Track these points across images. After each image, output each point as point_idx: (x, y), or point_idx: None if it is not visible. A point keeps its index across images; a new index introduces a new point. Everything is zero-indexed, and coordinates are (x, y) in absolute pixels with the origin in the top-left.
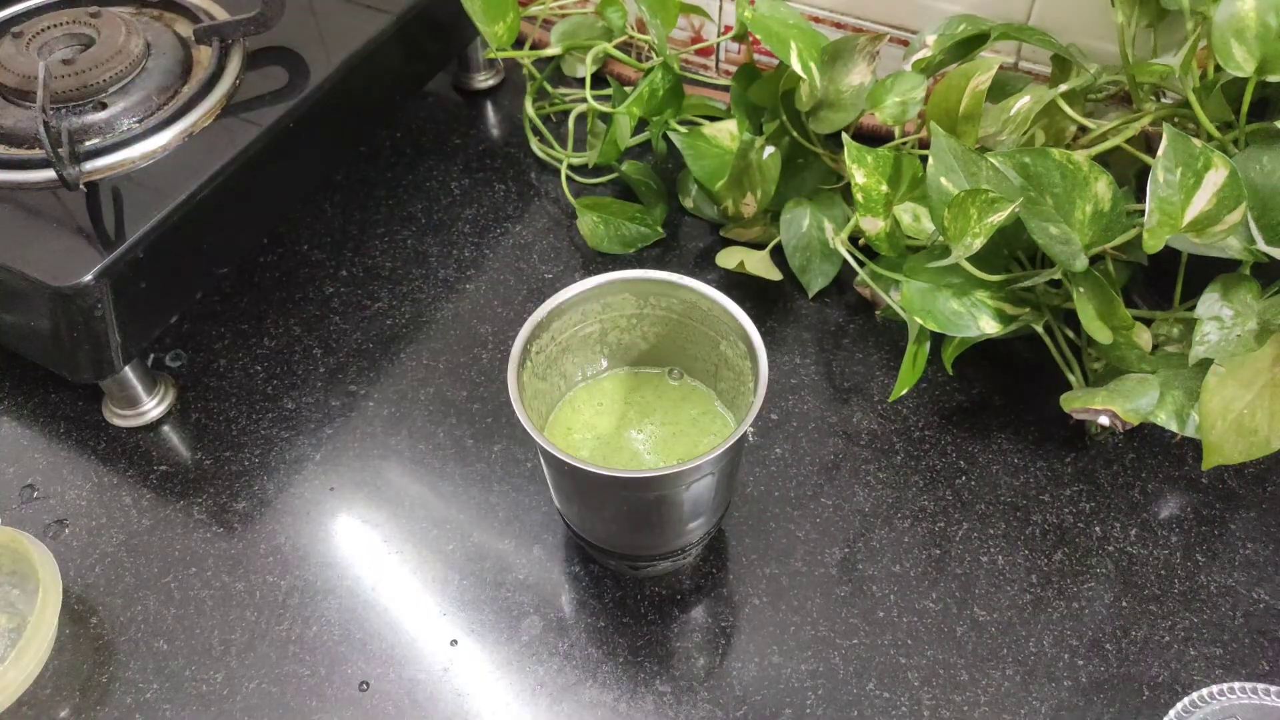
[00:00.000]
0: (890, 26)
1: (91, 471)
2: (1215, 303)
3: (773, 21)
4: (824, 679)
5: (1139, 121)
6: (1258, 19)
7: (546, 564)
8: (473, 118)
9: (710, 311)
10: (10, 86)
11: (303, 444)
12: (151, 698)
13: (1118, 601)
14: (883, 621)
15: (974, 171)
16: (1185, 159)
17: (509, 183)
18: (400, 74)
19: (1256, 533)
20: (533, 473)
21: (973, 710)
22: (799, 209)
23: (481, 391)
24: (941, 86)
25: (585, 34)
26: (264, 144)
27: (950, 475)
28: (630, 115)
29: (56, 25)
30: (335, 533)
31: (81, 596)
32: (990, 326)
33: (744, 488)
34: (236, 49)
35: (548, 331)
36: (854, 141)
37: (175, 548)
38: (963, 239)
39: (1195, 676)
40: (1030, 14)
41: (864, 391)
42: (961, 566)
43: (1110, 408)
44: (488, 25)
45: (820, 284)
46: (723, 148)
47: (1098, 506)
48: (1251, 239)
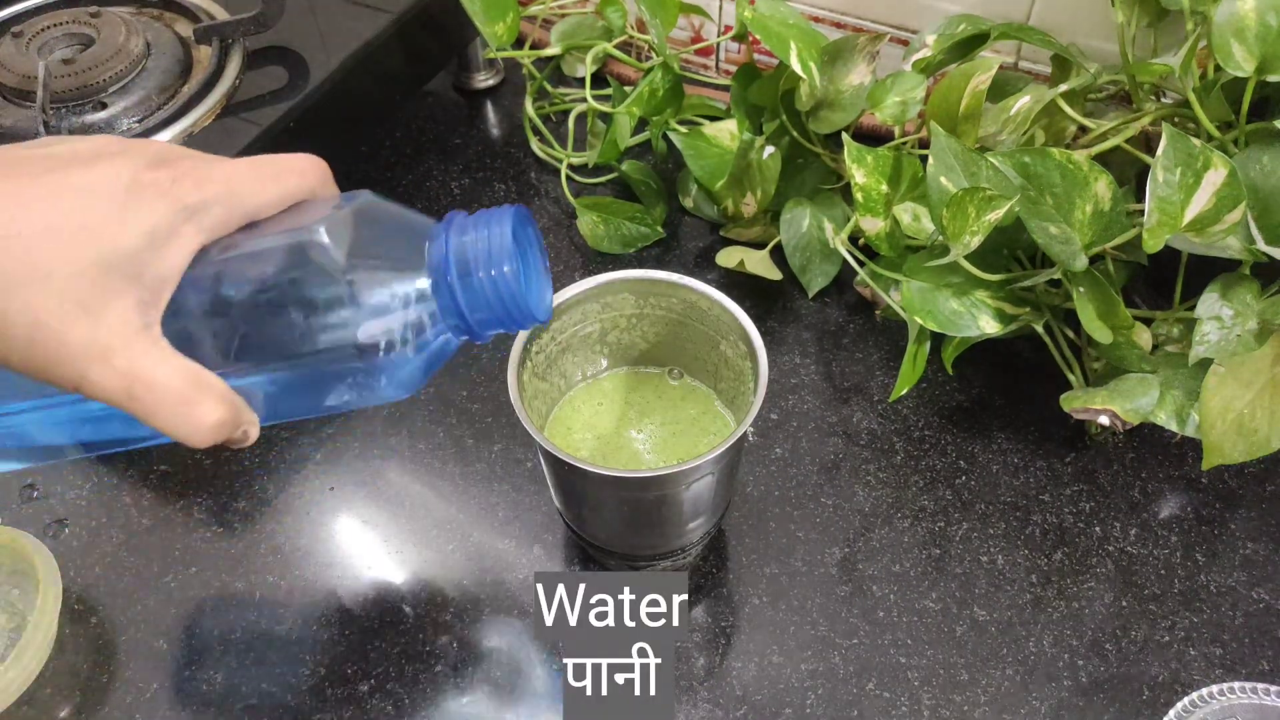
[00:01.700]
0: (890, 26)
1: (91, 471)
2: (1215, 302)
3: (773, 21)
4: (824, 679)
5: (1139, 121)
6: (1258, 19)
7: (546, 564)
8: (473, 118)
9: (710, 311)
10: (10, 86)
11: (303, 444)
12: (151, 698)
13: (1118, 601)
14: (883, 621)
15: (974, 171)
16: (1185, 159)
17: (509, 183)
18: (400, 74)
19: (1256, 533)
20: (533, 473)
21: (973, 710)
22: (799, 209)
23: (481, 391)
24: (941, 86)
25: (585, 34)
26: (264, 144)
27: (950, 475)
28: (630, 115)
29: (56, 25)
30: (335, 533)
31: (81, 596)
32: (990, 326)
33: (744, 488)
34: (236, 49)
35: (548, 331)
36: (854, 141)
37: (175, 548)
38: (961, 238)
39: (1195, 676)
40: (1030, 14)
41: (864, 391)
42: (961, 566)
43: (1110, 408)
44: (488, 25)
45: (820, 284)
46: (723, 148)
47: (1098, 506)
48: (1251, 239)
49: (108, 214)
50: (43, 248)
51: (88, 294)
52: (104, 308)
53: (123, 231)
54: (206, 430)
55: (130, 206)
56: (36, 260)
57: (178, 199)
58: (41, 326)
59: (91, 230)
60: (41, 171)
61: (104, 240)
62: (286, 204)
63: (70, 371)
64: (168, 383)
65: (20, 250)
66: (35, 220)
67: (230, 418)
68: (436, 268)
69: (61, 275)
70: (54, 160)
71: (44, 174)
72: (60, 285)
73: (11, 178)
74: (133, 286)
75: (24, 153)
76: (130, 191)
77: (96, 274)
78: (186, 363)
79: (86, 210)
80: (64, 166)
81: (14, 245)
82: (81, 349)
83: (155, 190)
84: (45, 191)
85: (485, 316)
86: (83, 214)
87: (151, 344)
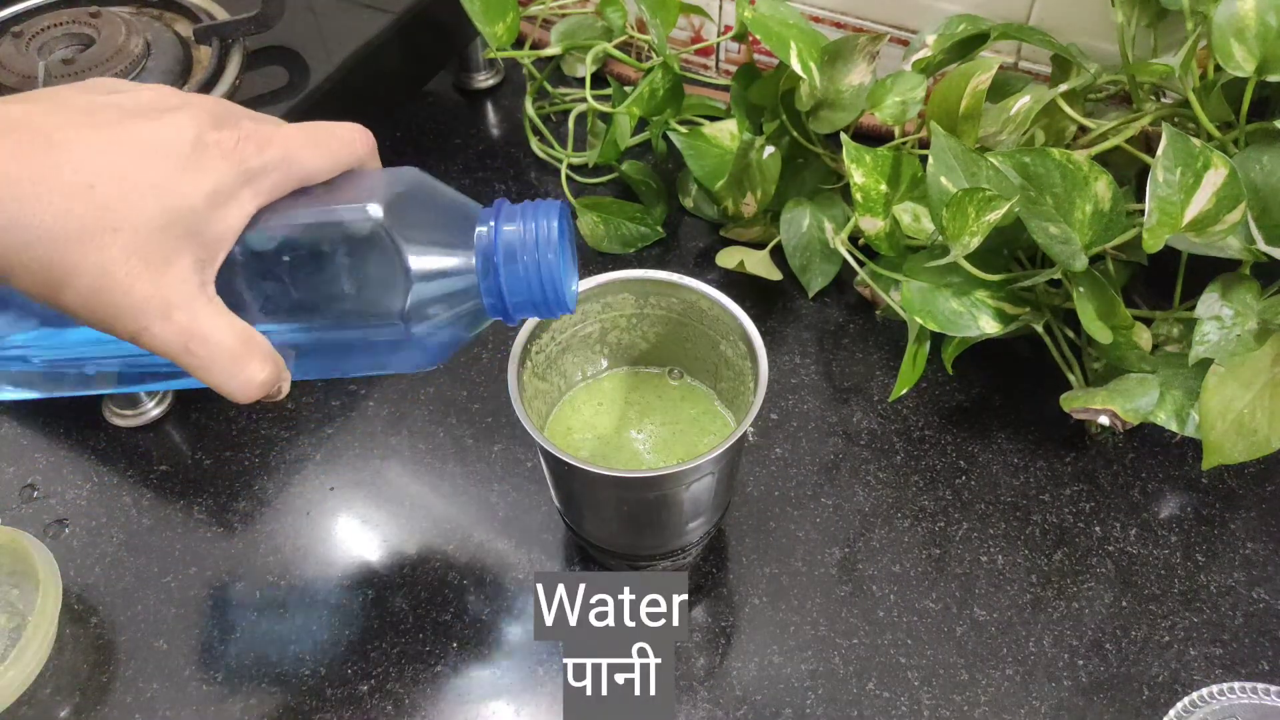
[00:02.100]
0: (890, 26)
1: (91, 471)
2: (1215, 302)
3: (773, 21)
4: (824, 679)
5: (1139, 121)
6: (1258, 19)
7: (546, 564)
8: (473, 118)
9: (710, 311)
10: (10, 86)
11: (303, 444)
12: (151, 698)
13: (1118, 601)
14: (883, 621)
15: (974, 171)
16: (1185, 158)
17: (509, 182)
18: (400, 74)
19: (1256, 533)
20: (533, 473)
21: (973, 710)
22: (799, 209)
23: (481, 391)
24: (941, 86)
25: (585, 34)
26: None
27: (950, 475)
28: (630, 115)
29: (56, 25)
30: (335, 533)
31: (81, 596)
32: (990, 326)
33: (744, 488)
34: (236, 49)
35: (548, 331)
36: (853, 141)
37: (175, 548)
38: (961, 238)
39: (1195, 676)
40: (1030, 14)
41: (864, 391)
42: (961, 566)
43: (1110, 408)
44: (488, 25)
45: (820, 284)
46: (723, 148)
47: (1098, 506)
48: (1251, 238)
49: (172, 171)
50: (113, 200)
51: (152, 250)
52: (166, 264)
53: (187, 190)
54: (255, 388)
55: (194, 165)
56: (106, 212)
57: (239, 161)
58: (107, 276)
59: (158, 186)
60: (112, 121)
61: (169, 197)
62: (337, 173)
63: (131, 324)
64: (222, 340)
65: (94, 201)
66: (105, 171)
67: (275, 376)
68: (485, 250)
69: (129, 229)
70: (121, 111)
71: (114, 124)
72: (127, 239)
73: (87, 126)
74: (192, 244)
75: (92, 99)
76: (195, 149)
77: (161, 230)
78: (239, 321)
79: (154, 165)
80: (132, 118)
81: (88, 195)
82: (143, 303)
83: (218, 151)
84: (115, 142)
85: (522, 300)
86: (150, 169)
87: (208, 301)
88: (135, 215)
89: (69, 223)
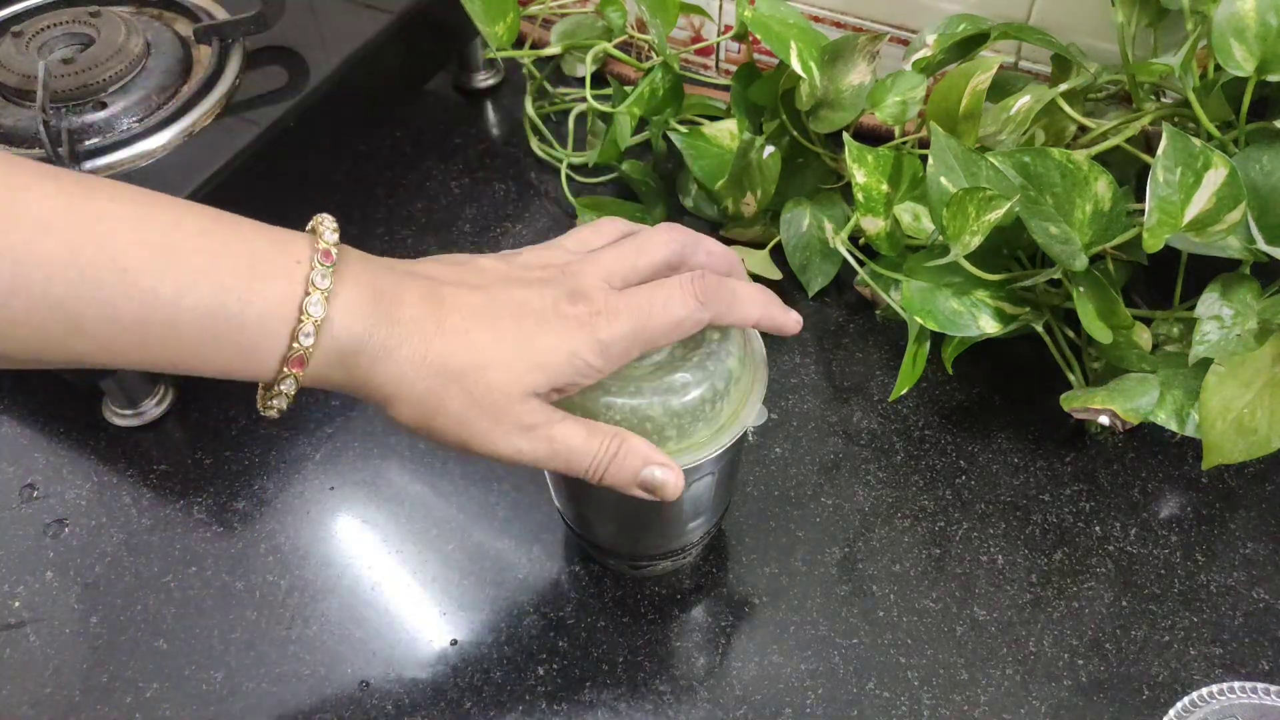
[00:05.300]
0: (890, 26)
1: (91, 471)
2: (1215, 302)
3: (773, 21)
4: (824, 679)
5: (1139, 121)
6: (1258, 18)
7: (546, 564)
8: (473, 117)
9: None
10: (10, 86)
11: (303, 443)
12: (151, 698)
13: (1118, 601)
14: (883, 621)
15: (974, 171)
16: (1185, 158)
17: (509, 182)
18: (400, 74)
19: (1256, 532)
20: (533, 473)
21: (973, 710)
22: (799, 208)
23: None
24: (941, 86)
25: (585, 34)
26: (264, 144)
27: (950, 475)
28: (630, 115)
29: (56, 25)
30: (335, 532)
31: (81, 596)
32: (990, 326)
33: (744, 488)
34: (236, 49)
35: None
36: (854, 141)
37: (175, 547)
38: (961, 237)
39: (1195, 676)
40: (1030, 14)
41: (864, 391)
42: (961, 566)
43: (1110, 407)
44: (488, 25)
45: (820, 283)
46: (723, 147)
47: (1098, 506)
48: (1251, 238)
49: (535, 331)
50: (486, 348)
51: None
52: (525, 398)
53: (547, 348)
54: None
55: (555, 330)
56: (479, 356)
57: (593, 332)
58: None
59: (522, 343)
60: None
61: (533, 352)
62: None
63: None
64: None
65: (469, 347)
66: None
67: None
68: None
69: (496, 368)
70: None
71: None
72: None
73: (479, 288)
74: (548, 384)
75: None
76: (556, 316)
77: (526, 373)
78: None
79: (519, 325)
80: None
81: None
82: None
83: (576, 322)
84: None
85: None
86: (516, 329)
87: (561, 418)
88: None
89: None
